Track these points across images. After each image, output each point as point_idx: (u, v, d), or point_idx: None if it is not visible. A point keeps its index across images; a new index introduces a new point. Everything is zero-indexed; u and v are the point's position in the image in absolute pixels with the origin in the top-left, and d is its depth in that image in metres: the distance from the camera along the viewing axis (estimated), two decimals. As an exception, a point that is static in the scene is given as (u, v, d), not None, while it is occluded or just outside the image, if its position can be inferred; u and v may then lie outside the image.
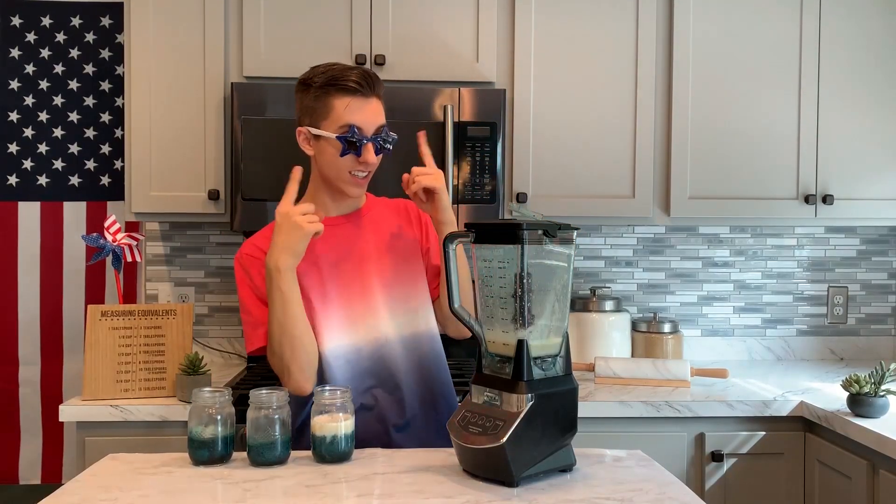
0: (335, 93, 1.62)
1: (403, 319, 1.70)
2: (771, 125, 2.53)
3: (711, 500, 2.18)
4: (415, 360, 1.70)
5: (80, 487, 1.32)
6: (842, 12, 2.53)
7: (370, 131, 1.63)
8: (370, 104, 1.63)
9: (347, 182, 1.66)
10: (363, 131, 1.62)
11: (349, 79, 1.61)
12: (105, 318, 2.11)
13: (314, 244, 1.63)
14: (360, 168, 1.64)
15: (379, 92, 1.66)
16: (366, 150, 1.62)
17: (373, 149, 1.63)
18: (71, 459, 2.74)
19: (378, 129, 1.64)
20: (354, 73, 1.62)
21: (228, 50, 2.43)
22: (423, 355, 1.71)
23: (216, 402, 1.43)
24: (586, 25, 2.49)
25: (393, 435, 1.66)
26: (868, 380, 1.98)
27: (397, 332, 1.69)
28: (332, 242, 1.69)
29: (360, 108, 1.62)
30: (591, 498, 1.27)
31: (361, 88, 1.62)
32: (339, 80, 1.62)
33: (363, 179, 1.67)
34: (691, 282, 2.89)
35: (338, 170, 1.65)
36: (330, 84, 1.62)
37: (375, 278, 1.69)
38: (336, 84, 1.62)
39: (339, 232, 1.71)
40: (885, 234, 2.93)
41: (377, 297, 1.68)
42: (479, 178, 2.36)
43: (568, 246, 1.39)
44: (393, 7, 2.42)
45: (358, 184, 1.67)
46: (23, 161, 2.75)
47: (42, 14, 2.73)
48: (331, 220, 1.71)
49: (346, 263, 1.69)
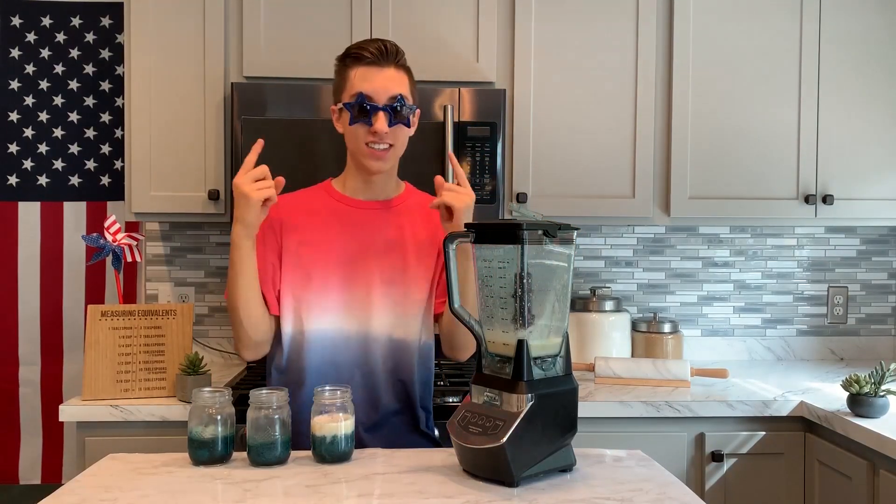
0: (350, 63, 1.64)
1: (396, 321, 1.68)
2: (771, 125, 2.53)
3: (711, 500, 2.19)
4: (398, 364, 1.68)
5: (80, 487, 1.32)
6: (842, 12, 2.53)
7: (382, 100, 1.61)
8: (384, 73, 1.61)
9: (365, 155, 1.64)
10: (373, 99, 1.60)
11: (364, 49, 1.62)
12: (105, 318, 2.11)
13: (333, 223, 1.66)
14: (374, 139, 1.62)
15: (398, 62, 1.64)
16: (377, 119, 1.60)
17: (385, 118, 1.60)
18: (71, 459, 2.74)
19: (392, 98, 1.61)
20: (372, 44, 1.62)
21: (228, 50, 2.43)
22: (407, 361, 1.69)
23: (216, 402, 1.43)
24: (586, 25, 2.49)
25: (362, 434, 1.64)
26: (868, 380, 1.98)
27: (387, 332, 1.68)
28: (351, 226, 1.69)
29: (372, 76, 1.61)
30: (591, 498, 1.27)
31: (374, 58, 1.61)
32: (354, 51, 1.63)
33: (382, 152, 1.63)
34: (691, 282, 2.89)
35: (355, 141, 1.64)
36: (347, 56, 1.65)
37: (380, 272, 1.68)
38: (351, 55, 1.64)
39: (361, 217, 1.71)
40: (885, 234, 2.93)
41: (376, 291, 1.68)
42: (479, 178, 2.36)
43: (568, 246, 1.39)
44: (393, 7, 2.42)
45: (377, 156, 1.63)
46: (23, 161, 2.75)
47: (42, 14, 2.73)
48: (357, 202, 1.72)
49: (358, 250, 1.69)
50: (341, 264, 1.68)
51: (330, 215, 1.71)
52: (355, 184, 1.72)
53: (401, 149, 1.68)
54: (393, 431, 1.69)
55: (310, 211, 1.71)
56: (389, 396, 1.69)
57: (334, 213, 1.71)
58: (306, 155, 2.30)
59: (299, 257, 1.68)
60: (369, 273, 1.68)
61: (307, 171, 2.27)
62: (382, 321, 1.67)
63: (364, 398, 1.66)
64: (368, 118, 1.60)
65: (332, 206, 1.72)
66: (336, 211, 1.72)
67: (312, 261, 1.67)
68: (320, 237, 1.68)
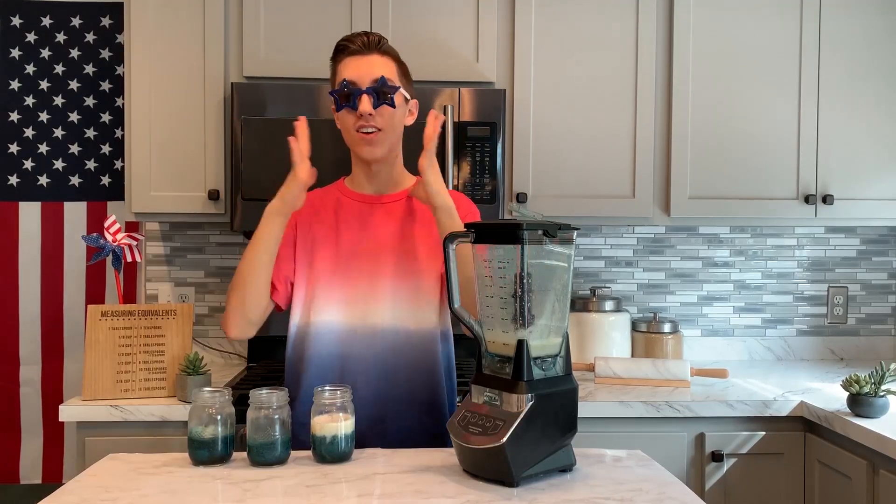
0: (338, 57, 1.69)
1: (409, 313, 1.69)
2: (771, 125, 2.53)
3: (711, 500, 2.19)
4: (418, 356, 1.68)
5: (80, 487, 1.32)
6: (842, 12, 2.53)
7: (365, 83, 1.64)
8: (367, 59, 1.66)
9: (357, 142, 1.67)
10: (357, 84, 1.64)
11: (349, 41, 1.67)
12: (105, 318, 2.11)
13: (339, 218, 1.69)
14: (361, 123, 1.64)
15: (381, 48, 1.68)
16: (360, 102, 1.63)
17: (368, 100, 1.63)
18: (71, 459, 2.74)
19: (374, 80, 1.64)
20: (357, 36, 1.67)
21: (228, 50, 2.43)
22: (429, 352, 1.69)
23: (216, 402, 1.43)
24: (586, 25, 2.49)
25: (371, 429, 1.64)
26: (868, 380, 1.98)
27: (399, 324, 1.68)
28: (356, 220, 1.72)
29: (355, 64, 1.66)
30: (591, 498, 1.27)
31: (358, 47, 1.66)
32: (341, 44, 1.68)
33: (371, 135, 1.65)
34: (691, 282, 2.89)
35: (347, 131, 1.68)
36: (335, 51, 1.70)
37: (388, 265, 1.69)
38: (338, 48, 1.69)
39: (367, 211, 1.73)
40: (885, 234, 2.93)
41: (384, 284, 1.69)
42: (479, 178, 2.36)
43: (568, 246, 1.39)
44: (393, 7, 2.43)
45: (368, 140, 1.66)
46: (23, 161, 2.75)
47: (42, 14, 2.74)
48: (363, 196, 1.75)
49: (365, 243, 1.70)
50: (347, 258, 1.70)
51: (337, 210, 1.74)
52: (360, 178, 1.76)
53: (391, 132, 1.68)
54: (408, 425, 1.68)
55: (320, 207, 1.76)
56: (407, 389, 1.68)
57: (341, 207, 1.75)
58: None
59: (308, 252, 1.72)
60: (377, 266, 1.69)
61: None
62: (392, 313, 1.68)
63: (378, 390, 1.66)
64: (353, 102, 1.64)
65: (339, 201, 1.76)
66: (343, 206, 1.75)
67: (320, 255, 1.70)
68: (327, 232, 1.72)
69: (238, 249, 2.76)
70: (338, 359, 1.67)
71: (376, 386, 1.67)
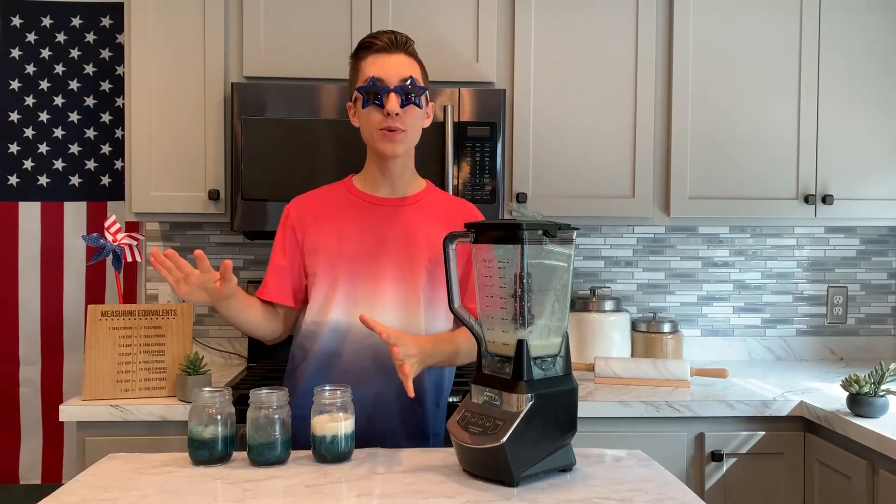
0: (362, 54, 1.70)
1: (408, 317, 1.69)
2: (771, 125, 2.53)
3: (711, 500, 2.19)
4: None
5: (80, 487, 1.32)
6: (842, 12, 2.53)
7: (393, 82, 1.65)
8: (394, 58, 1.67)
9: (380, 139, 1.67)
10: (384, 81, 1.65)
11: (376, 38, 1.68)
12: (105, 318, 2.11)
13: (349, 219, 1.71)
14: (388, 122, 1.65)
15: (407, 49, 1.69)
16: (388, 100, 1.64)
17: (396, 99, 1.63)
18: (71, 459, 2.74)
19: (402, 80, 1.65)
20: (382, 35, 1.69)
21: (228, 50, 2.44)
22: None
23: (216, 402, 1.43)
24: (586, 25, 2.49)
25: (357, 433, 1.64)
26: (868, 380, 1.98)
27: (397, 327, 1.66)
28: (366, 221, 1.72)
29: (383, 61, 1.67)
30: (591, 498, 1.27)
31: (385, 45, 1.67)
32: (366, 41, 1.69)
33: (393, 134, 1.66)
34: (691, 282, 2.89)
35: (370, 127, 1.68)
36: (359, 48, 1.71)
37: (391, 268, 1.70)
38: (363, 45, 1.70)
39: (377, 213, 1.73)
40: (884, 234, 2.93)
41: (386, 286, 1.69)
42: (479, 178, 2.36)
43: (568, 246, 1.39)
44: (393, 7, 2.43)
45: (390, 139, 1.66)
46: (23, 161, 2.75)
47: (42, 14, 2.74)
48: (374, 198, 1.75)
49: (371, 245, 1.71)
50: (354, 259, 1.70)
51: (346, 211, 1.74)
52: (373, 178, 1.75)
53: (413, 135, 1.70)
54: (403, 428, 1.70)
55: (328, 207, 1.76)
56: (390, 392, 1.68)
57: (351, 208, 1.75)
58: (306, 155, 2.30)
59: (316, 253, 1.72)
60: (381, 268, 1.70)
61: (306, 171, 2.27)
62: (392, 316, 1.68)
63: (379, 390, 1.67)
64: (381, 99, 1.64)
65: (349, 201, 1.76)
66: (353, 206, 1.75)
67: (328, 255, 1.71)
68: (336, 232, 1.71)
69: (238, 249, 2.76)
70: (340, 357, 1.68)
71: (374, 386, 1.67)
